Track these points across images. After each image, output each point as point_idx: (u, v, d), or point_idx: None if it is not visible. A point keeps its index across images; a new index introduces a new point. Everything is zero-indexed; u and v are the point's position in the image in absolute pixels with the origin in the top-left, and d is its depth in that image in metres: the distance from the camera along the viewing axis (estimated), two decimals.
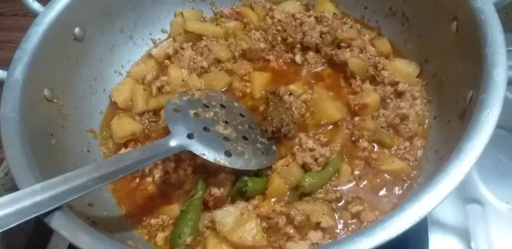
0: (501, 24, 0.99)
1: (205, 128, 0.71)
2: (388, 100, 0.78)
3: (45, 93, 0.74)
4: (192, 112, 0.73)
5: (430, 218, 0.78)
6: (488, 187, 0.82)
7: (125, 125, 0.81)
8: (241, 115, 0.79)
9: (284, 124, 0.75)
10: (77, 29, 0.81)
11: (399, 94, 0.78)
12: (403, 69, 0.81)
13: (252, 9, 0.96)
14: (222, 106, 0.78)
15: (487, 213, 0.79)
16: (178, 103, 0.74)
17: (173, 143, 0.66)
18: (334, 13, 0.91)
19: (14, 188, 0.63)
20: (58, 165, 0.70)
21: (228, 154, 0.68)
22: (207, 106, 0.76)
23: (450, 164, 0.51)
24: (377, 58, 0.81)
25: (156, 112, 0.85)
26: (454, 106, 0.68)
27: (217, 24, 0.95)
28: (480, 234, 0.77)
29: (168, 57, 0.92)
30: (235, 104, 0.82)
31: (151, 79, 0.89)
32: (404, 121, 0.75)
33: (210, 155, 0.67)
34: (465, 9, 0.66)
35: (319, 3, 0.94)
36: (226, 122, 0.74)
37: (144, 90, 0.87)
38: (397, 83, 0.78)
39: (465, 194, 0.81)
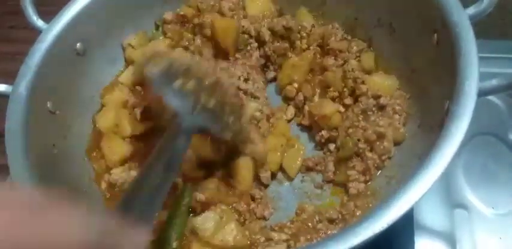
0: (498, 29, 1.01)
1: None
2: (369, 113, 0.80)
3: (48, 105, 0.78)
4: None
5: (416, 223, 0.80)
6: (475, 193, 0.84)
7: (117, 148, 0.83)
8: None
9: None
10: (78, 44, 0.85)
11: (381, 108, 0.80)
12: (381, 82, 0.83)
13: None
14: None
15: (473, 218, 0.81)
16: None
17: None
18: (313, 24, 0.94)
19: None
20: (59, 174, 0.75)
21: None
22: None
23: (418, 173, 0.54)
24: (357, 72, 0.84)
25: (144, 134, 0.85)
26: (435, 116, 0.70)
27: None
28: (466, 239, 0.79)
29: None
30: None
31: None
32: (380, 138, 0.77)
33: None
34: (443, 22, 0.69)
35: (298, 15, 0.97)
36: None
37: (130, 114, 0.86)
38: (379, 96, 0.80)
39: (452, 200, 0.84)
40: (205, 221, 0.68)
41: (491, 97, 0.93)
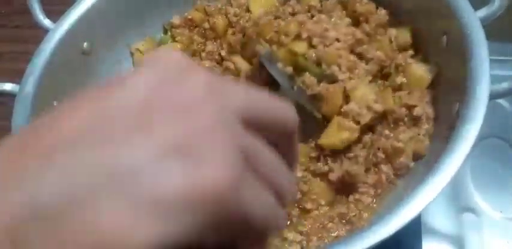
0: (509, 31, 1.00)
1: None
2: (400, 123, 0.72)
3: (55, 104, 0.77)
4: None
5: (424, 226, 0.79)
6: (483, 196, 0.83)
7: None
8: None
9: None
10: (85, 44, 0.85)
11: (414, 119, 0.71)
12: (418, 73, 0.73)
13: None
14: None
15: (481, 222, 0.81)
16: None
17: None
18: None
19: None
20: None
21: None
22: None
23: (427, 178, 0.53)
24: (399, 55, 0.76)
25: None
26: (446, 119, 0.69)
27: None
28: (474, 243, 0.79)
29: None
30: None
31: None
32: (398, 153, 0.70)
33: None
34: (453, 24, 0.68)
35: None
36: None
37: None
38: (414, 107, 0.71)
39: (460, 203, 0.83)
40: None
41: (499, 100, 0.92)
